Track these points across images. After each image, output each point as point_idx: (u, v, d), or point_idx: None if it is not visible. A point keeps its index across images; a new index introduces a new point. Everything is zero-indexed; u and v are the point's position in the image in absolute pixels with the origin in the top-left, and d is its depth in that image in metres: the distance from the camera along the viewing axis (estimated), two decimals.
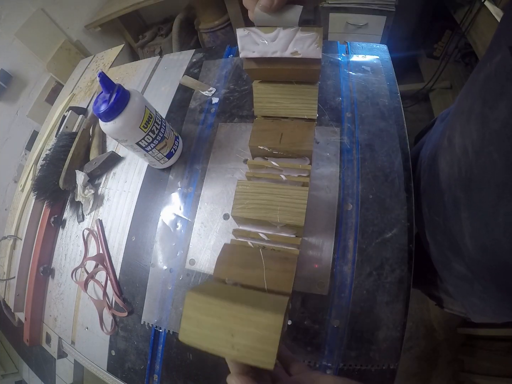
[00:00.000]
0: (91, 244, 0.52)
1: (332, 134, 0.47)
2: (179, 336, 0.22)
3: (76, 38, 1.36)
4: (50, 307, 0.55)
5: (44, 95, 1.17)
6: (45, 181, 0.56)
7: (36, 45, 1.15)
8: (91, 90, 0.75)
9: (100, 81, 0.37)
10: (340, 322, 0.37)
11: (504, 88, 0.24)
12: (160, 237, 0.46)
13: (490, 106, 0.26)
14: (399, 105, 0.49)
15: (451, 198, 0.34)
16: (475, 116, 0.29)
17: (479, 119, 0.28)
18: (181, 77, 0.62)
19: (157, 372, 0.43)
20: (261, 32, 0.26)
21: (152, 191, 0.51)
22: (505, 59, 0.24)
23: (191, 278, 0.43)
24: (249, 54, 0.27)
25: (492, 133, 0.26)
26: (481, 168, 0.28)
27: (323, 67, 0.55)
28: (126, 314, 0.45)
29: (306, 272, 0.39)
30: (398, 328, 0.36)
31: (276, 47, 0.26)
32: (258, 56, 0.27)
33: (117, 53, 0.83)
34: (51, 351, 0.53)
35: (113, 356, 0.46)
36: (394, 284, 0.37)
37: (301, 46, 0.25)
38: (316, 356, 0.37)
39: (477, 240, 0.30)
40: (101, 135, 0.61)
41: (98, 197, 0.55)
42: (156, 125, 0.43)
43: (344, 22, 1.27)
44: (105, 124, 0.39)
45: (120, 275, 0.47)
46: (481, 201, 0.28)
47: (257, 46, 0.26)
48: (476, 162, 0.29)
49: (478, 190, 0.29)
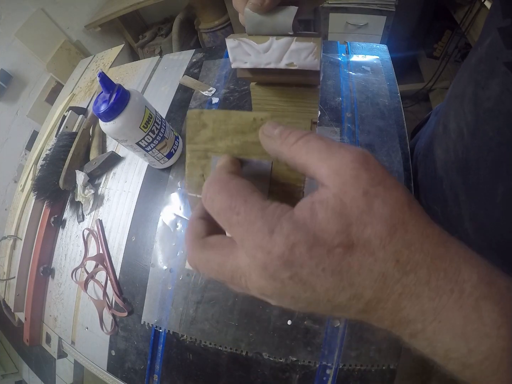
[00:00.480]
0: (91, 244, 0.52)
1: (332, 134, 0.47)
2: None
3: (76, 38, 1.36)
4: (50, 307, 0.55)
5: (44, 95, 1.18)
6: (45, 181, 0.56)
7: (36, 45, 1.15)
8: (91, 90, 0.75)
9: (100, 81, 0.37)
10: (340, 322, 0.37)
11: (494, 67, 0.24)
12: (160, 237, 0.46)
13: (483, 86, 0.26)
14: (399, 105, 0.49)
15: (448, 184, 0.34)
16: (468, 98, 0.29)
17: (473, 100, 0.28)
18: (181, 77, 0.62)
19: (157, 372, 0.43)
20: (252, 42, 0.24)
21: (152, 191, 0.51)
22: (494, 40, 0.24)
23: (191, 278, 0.43)
24: (241, 65, 0.25)
25: (486, 111, 0.26)
26: (477, 148, 0.28)
27: (324, 67, 0.55)
28: (126, 314, 0.45)
29: None
30: None
31: (269, 58, 0.23)
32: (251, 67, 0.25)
33: (117, 53, 0.83)
34: (51, 351, 0.53)
35: (113, 356, 0.46)
36: None
37: (296, 57, 0.23)
38: (316, 356, 0.37)
39: (476, 222, 0.30)
40: (101, 135, 0.61)
41: (98, 197, 0.55)
42: (156, 125, 0.43)
43: (344, 22, 1.27)
44: (105, 124, 0.39)
45: (120, 275, 0.47)
46: (479, 182, 0.29)
47: (249, 56, 0.24)
48: (471, 143, 0.29)
49: (475, 171, 0.29)
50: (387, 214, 0.13)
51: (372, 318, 0.14)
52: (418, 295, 0.13)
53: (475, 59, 0.28)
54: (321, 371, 0.37)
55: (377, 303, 0.14)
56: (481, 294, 0.13)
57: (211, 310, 0.41)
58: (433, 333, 0.13)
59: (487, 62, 0.26)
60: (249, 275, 0.15)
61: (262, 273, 0.14)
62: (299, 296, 0.14)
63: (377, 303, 0.14)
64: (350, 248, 0.13)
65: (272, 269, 0.14)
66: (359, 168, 0.14)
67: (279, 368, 0.38)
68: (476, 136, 0.28)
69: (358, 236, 0.13)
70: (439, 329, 0.13)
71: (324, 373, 0.37)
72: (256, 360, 0.38)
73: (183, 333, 0.41)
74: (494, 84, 0.25)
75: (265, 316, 0.39)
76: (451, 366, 0.14)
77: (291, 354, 0.38)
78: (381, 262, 0.13)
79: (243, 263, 0.15)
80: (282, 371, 0.38)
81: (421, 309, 0.13)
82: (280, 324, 0.38)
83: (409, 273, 0.13)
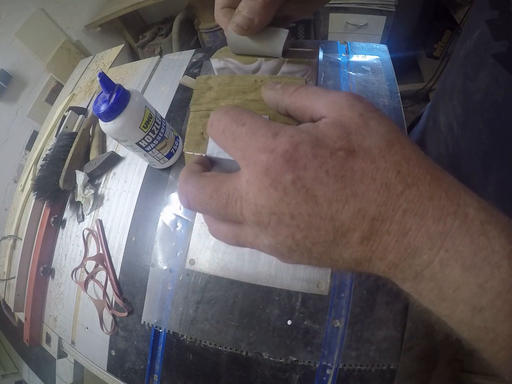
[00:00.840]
0: (91, 244, 0.52)
1: None
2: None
3: (76, 38, 1.36)
4: (50, 307, 0.55)
5: (44, 95, 1.17)
6: (45, 181, 0.56)
7: (36, 45, 1.15)
8: (91, 90, 0.75)
9: (100, 81, 0.37)
10: (340, 322, 0.37)
11: (483, 59, 0.25)
12: (160, 237, 0.46)
13: (471, 79, 0.27)
14: (399, 105, 0.49)
15: None
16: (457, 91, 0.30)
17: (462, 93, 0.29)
18: (181, 77, 0.62)
19: (157, 372, 0.43)
20: (239, 63, 0.22)
21: (152, 191, 0.51)
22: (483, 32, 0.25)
23: (191, 278, 0.43)
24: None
25: (475, 103, 0.26)
26: (467, 140, 0.28)
27: (324, 67, 0.55)
28: (126, 314, 0.45)
29: (306, 272, 0.39)
30: (398, 328, 0.36)
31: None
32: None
33: (117, 53, 0.83)
34: (51, 351, 0.53)
35: (113, 356, 0.46)
36: (394, 284, 0.37)
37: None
38: (316, 356, 0.37)
39: None
40: (101, 135, 0.61)
41: (98, 197, 0.55)
42: (156, 125, 0.43)
43: (344, 22, 1.27)
44: (105, 124, 0.39)
45: (120, 275, 0.47)
46: (470, 175, 0.29)
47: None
48: (462, 136, 0.29)
49: (466, 164, 0.29)
50: (383, 130, 0.14)
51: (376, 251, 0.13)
52: (423, 214, 0.12)
53: (464, 52, 0.29)
54: (321, 371, 0.37)
55: (382, 223, 0.13)
56: (485, 218, 0.12)
57: (211, 310, 0.41)
58: (441, 266, 0.12)
59: (476, 55, 0.26)
60: (246, 195, 0.14)
61: (263, 181, 0.13)
62: (300, 213, 0.13)
63: (382, 224, 0.13)
64: (352, 153, 0.13)
65: (275, 170, 0.13)
66: (353, 99, 0.15)
67: (279, 368, 0.38)
68: (466, 129, 0.28)
69: (359, 144, 0.13)
70: (447, 260, 0.12)
71: (324, 373, 0.37)
72: (256, 360, 0.38)
73: (183, 333, 0.41)
74: (483, 76, 0.25)
75: (265, 316, 0.39)
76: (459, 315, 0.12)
77: (291, 354, 0.38)
78: (383, 171, 0.13)
79: (242, 181, 0.14)
80: (282, 371, 0.38)
81: (426, 233, 0.12)
82: (280, 324, 0.38)
83: (412, 186, 0.12)
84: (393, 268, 0.13)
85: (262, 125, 0.15)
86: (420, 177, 0.13)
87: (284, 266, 0.40)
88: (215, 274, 0.42)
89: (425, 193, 0.12)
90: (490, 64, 0.24)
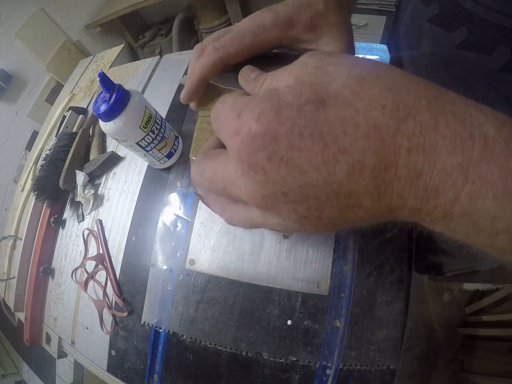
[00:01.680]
0: (91, 244, 0.52)
1: None
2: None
3: (76, 38, 1.36)
4: (50, 307, 0.55)
5: (44, 95, 1.18)
6: (45, 181, 0.56)
7: (36, 45, 1.15)
8: (91, 90, 0.75)
9: (100, 81, 0.37)
10: (340, 322, 0.37)
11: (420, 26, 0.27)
12: (160, 237, 0.46)
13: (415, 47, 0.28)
14: None
15: None
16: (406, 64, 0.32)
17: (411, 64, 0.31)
18: (181, 77, 0.62)
19: (157, 372, 0.43)
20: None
21: (152, 191, 0.51)
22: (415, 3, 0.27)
23: (191, 278, 0.43)
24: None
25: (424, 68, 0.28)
26: None
27: None
28: (126, 314, 0.45)
29: (306, 272, 0.39)
30: (398, 328, 0.36)
31: None
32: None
33: (117, 53, 0.82)
34: (51, 351, 0.53)
35: (113, 356, 0.46)
36: (394, 284, 0.37)
37: None
38: (316, 356, 0.37)
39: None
40: (101, 135, 0.61)
41: (98, 197, 0.55)
42: (156, 125, 0.43)
43: None
44: (105, 124, 0.39)
45: (120, 275, 0.47)
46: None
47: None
48: None
49: None
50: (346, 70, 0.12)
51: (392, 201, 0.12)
52: (432, 148, 0.10)
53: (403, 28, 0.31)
54: (321, 371, 0.37)
55: (387, 171, 0.11)
56: (509, 135, 0.10)
57: (211, 310, 0.41)
58: (470, 199, 0.10)
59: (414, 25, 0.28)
60: (236, 181, 0.13)
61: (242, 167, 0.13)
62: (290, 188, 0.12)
63: (386, 172, 0.11)
64: (322, 103, 0.11)
65: (245, 153, 0.12)
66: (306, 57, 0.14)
67: (279, 368, 0.38)
68: None
69: (326, 91, 0.12)
70: (476, 192, 0.10)
71: (324, 373, 0.37)
72: (256, 360, 0.39)
73: (183, 333, 0.41)
74: (424, 41, 0.26)
75: (265, 316, 0.39)
76: (500, 244, 0.11)
77: (291, 354, 0.38)
78: (364, 111, 0.11)
79: (230, 168, 0.14)
80: (282, 371, 0.38)
81: (443, 168, 0.10)
82: (280, 324, 0.38)
83: (406, 119, 0.11)
84: (418, 213, 0.12)
85: (230, 108, 0.14)
86: (413, 104, 0.11)
87: (284, 266, 0.40)
88: (215, 274, 0.42)
89: (425, 122, 0.11)
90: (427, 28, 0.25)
